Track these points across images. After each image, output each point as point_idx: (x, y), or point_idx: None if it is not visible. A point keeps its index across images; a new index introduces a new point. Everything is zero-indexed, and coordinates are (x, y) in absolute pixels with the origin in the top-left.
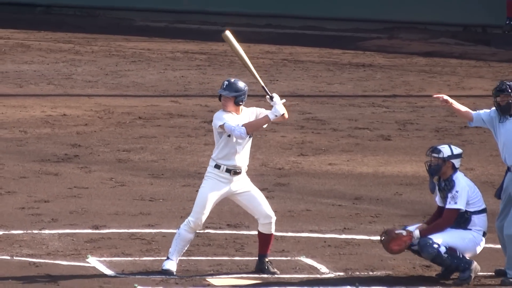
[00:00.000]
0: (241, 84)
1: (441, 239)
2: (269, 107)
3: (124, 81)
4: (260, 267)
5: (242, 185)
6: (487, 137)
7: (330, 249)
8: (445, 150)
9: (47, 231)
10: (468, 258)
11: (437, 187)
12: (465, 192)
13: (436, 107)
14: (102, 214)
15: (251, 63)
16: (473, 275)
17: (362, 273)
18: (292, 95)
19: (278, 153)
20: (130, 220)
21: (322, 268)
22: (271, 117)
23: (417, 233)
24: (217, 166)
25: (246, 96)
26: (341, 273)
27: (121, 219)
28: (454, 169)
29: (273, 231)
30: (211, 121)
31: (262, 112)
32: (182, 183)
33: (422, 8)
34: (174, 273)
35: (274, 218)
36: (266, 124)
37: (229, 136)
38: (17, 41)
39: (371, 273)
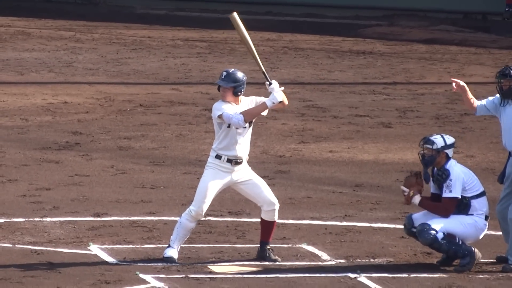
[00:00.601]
0: (239, 74)
1: (440, 225)
2: (269, 95)
3: (125, 69)
4: (262, 255)
5: (244, 174)
6: (488, 124)
7: (331, 236)
8: (439, 141)
9: (48, 219)
10: (467, 245)
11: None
12: (459, 180)
13: (437, 95)
14: (103, 202)
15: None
16: (473, 261)
17: (363, 260)
18: (293, 82)
19: (279, 140)
20: (131, 208)
21: (323, 256)
22: (269, 104)
23: (417, 199)
24: (218, 157)
25: (245, 86)
26: (342, 260)
27: (122, 207)
28: (448, 158)
29: (276, 219)
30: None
31: (261, 100)
32: (183, 171)
33: None
34: (176, 261)
35: (277, 205)
36: (266, 112)
37: (228, 126)
38: (18, 28)
39: (372, 260)
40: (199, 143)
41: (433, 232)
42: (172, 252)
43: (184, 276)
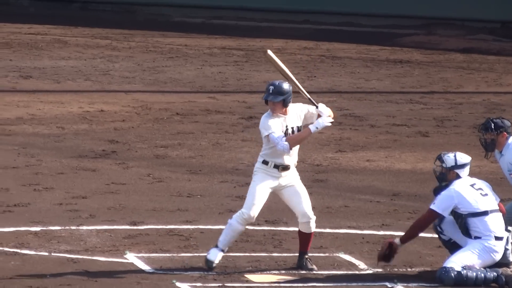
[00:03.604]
0: (285, 86)
1: (455, 262)
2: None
3: (162, 77)
4: (299, 264)
5: (290, 179)
6: None
7: (368, 245)
8: (449, 160)
9: (85, 227)
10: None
11: None
12: (448, 199)
13: (474, 104)
14: (140, 210)
15: (292, 72)
16: (507, 274)
17: (401, 270)
18: (330, 91)
19: (316, 149)
20: (168, 216)
21: (361, 265)
22: (313, 129)
23: (397, 240)
24: (265, 162)
25: (292, 95)
26: (380, 270)
27: (159, 215)
28: (458, 177)
29: (311, 231)
30: (249, 117)
31: (309, 110)
32: (220, 179)
33: (460, 4)
34: (213, 266)
35: (313, 218)
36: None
37: None
38: (55, 37)
39: (409, 269)
40: (236, 151)
41: (451, 270)
42: (214, 254)
43: (220, 285)
